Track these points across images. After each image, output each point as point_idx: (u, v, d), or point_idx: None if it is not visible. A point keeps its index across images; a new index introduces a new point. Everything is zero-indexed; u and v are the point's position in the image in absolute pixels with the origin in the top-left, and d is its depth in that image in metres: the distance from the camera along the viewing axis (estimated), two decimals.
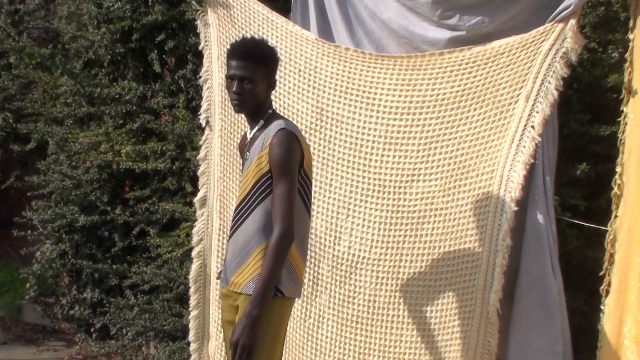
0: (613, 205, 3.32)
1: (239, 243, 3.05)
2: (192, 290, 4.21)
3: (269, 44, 3.11)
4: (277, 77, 3.15)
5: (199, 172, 4.23)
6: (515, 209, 3.36)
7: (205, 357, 4.20)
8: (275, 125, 3.01)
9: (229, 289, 3.09)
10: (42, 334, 6.15)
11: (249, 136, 3.13)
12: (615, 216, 3.31)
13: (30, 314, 6.38)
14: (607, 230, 3.36)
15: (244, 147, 3.16)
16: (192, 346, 4.24)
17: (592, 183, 3.83)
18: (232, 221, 3.12)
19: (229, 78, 3.02)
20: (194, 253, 4.20)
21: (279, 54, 3.13)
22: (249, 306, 2.89)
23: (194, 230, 4.21)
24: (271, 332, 2.97)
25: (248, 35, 3.32)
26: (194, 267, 4.18)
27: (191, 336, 4.24)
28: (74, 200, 5.39)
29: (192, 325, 4.22)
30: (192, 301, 4.20)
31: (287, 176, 2.94)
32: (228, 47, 3.08)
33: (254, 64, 3.00)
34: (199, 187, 4.21)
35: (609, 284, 3.33)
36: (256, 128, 3.07)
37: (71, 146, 5.28)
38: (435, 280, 3.53)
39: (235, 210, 3.10)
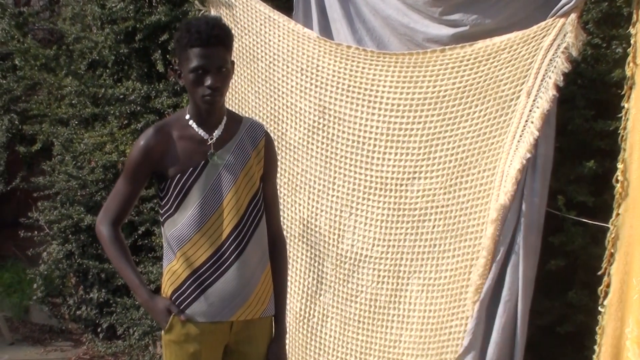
0: (615, 203, 3.28)
1: (250, 265, 2.60)
2: None
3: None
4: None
5: None
6: (503, 202, 3.30)
7: None
8: (256, 123, 2.71)
9: (235, 320, 2.62)
10: (49, 335, 6.18)
11: (205, 136, 2.59)
12: (618, 214, 3.26)
13: (38, 315, 6.41)
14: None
15: (196, 147, 2.59)
16: None
17: (598, 179, 3.80)
18: (233, 240, 2.58)
19: (200, 70, 2.46)
20: None
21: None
22: (282, 326, 2.73)
23: None
24: None
25: (199, 15, 3.03)
26: None
27: None
28: (80, 201, 5.40)
29: None
30: None
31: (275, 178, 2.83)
32: (182, 33, 2.51)
33: (226, 49, 2.51)
34: None
35: (608, 285, 3.24)
36: (222, 127, 2.60)
37: (76, 147, 5.29)
38: (435, 279, 3.51)
39: (236, 225, 2.58)
